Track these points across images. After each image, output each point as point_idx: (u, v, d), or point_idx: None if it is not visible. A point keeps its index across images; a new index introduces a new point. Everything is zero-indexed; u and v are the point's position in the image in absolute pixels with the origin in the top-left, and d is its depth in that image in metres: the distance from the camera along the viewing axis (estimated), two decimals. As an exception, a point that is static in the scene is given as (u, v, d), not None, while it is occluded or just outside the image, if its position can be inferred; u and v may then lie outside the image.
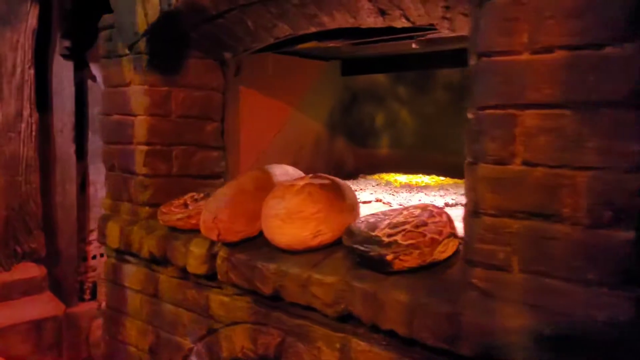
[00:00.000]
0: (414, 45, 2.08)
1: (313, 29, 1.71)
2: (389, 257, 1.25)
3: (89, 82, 3.70)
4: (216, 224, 1.57)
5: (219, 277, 1.66)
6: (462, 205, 1.86)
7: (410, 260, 1.25)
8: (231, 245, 1.62)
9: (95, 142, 3.79)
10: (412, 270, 1.27)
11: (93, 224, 3.81)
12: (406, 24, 1.48)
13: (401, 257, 1.24)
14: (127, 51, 2.02)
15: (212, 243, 1.69)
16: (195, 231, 1.79)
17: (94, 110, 3.76)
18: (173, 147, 2.02)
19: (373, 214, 1.50)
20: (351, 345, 1.37)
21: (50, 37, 3.38)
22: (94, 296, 3.80)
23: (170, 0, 1.80)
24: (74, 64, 3.53)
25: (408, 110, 2.67)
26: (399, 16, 1.45)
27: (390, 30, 1.62)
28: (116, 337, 2.15)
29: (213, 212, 1.58)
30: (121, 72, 2.04)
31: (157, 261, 1.90)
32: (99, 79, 3.72)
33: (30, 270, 3.13)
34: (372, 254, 1.27)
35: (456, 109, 2.48)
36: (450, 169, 2.46)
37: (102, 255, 3.86)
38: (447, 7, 1.30)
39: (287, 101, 2.40)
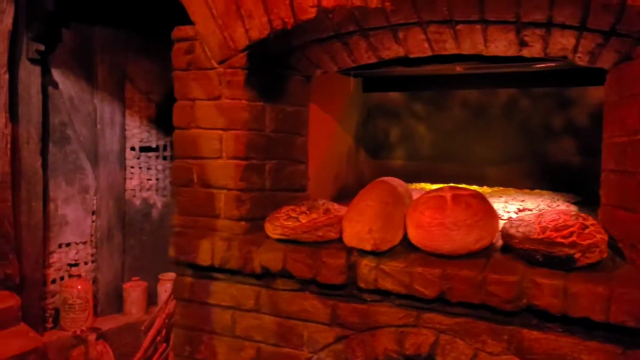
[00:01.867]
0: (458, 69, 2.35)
1: (429, 53, 1.89)
2: (577, 255, 1.49)
3: (50, 88, 3.44)
4: (372, 234, 1.67)
5: (361, 285, 1.75)
6: (529, 210, 2.16)
7: (592, 258, 1.50)
8: (379, 255, 1.72)
9: (55, 155, 3.53)
10: (589, 267, 1.52)
11: (53, 245, 3.53)
12: (538, 55, 1.74)
13: (587, 255, 1.49)
14: (216, 65, 2.00)
15: (349, 253, 1.77)
16: (320, 243, 1.85)
17: (55, 119, 3.50)
18: (266, 161, 2.04)
19: (509, 220, 1.73)
20: (522, 335, 1.57)
21: (17, 40, 3.09)
22: (55, 324, 3.51)
23: (285, 19, 1.85)
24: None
25: (424, 125, 2.93)
26: (539, 49, 1.69)
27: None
28: (193, 356, 2.09)
29: (367, 224, 1.68)
30: (207, 86, 2.01)
31: (264, 275, 1.92)
32: (61, 85, 3.48)
33: (6, 300, 2.82)
34: (559, 253, 1.50)
35: (470, 124, 2.81)
36: (465, 179, 2.76)
37: (62, 278, 3.60)
38: (601, 45, 1.58)
39: (334, 115, 2.51)
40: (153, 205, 3.99)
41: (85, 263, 3.65)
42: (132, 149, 3.90)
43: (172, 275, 3.91)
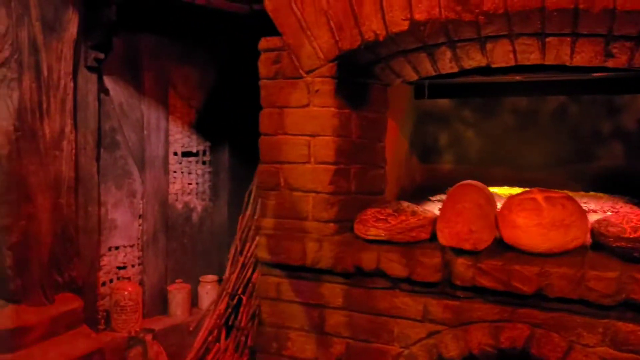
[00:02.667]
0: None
1: (512, 63, 2.00)
2: (676, 252, 1.61)
3: (102, 95, 3.51)
4: (472, 235, 1.78)
5: (457, 283, 1.85)
6: (594, 211, 2.28)
7: (687, 254, 1.62)
8: (475, 254, 1.83)
9: (105, 160, 3.60)
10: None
11: (104, 249, 3.59)
12: (622, 66, 1.86)
13: (684, 251, 1.61)
14: (304, 74, 2.09)
15: (443, 252, 1.88)
16: (412, 243, 1.95)
17: (106, 125, 3.57)
18: (351, 166, 2.14)
19: (597, 220, 1.85)
20: (618, 328, 1.69)
21: (76, 48, 3.15)
22: (107, 325, 3.57)
23: (376, 31, 1.95)
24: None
25: (473, 130, 3.05)
26: (624, 60, 1.81)
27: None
28: (281, 352, 2.17)
29: (467, 224, 1.79)
30: (295, 94, 2.11)
31: (354, 274, 2.01)
32: (112, 92, 3.55)
33: (70, 302, 2.88)
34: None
35: (519, 129, 2.94)
36: (515, 182, 2.88)
37: (110, 281, 3.66)
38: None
39: (397, 122, 2.61)
40: (193, 209, 4.06)
41: (133, 266, 3.71)
42: (175, 154, 3.97)
43: (212, 277, 3.98)
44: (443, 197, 2.70)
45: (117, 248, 3.65)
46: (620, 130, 2.77)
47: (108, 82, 3.53)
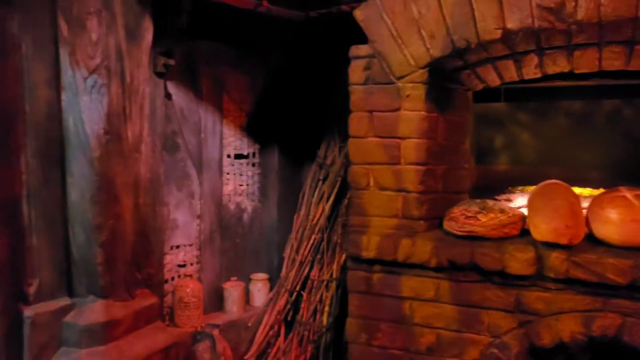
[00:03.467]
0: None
1: (596, 69, 2.13)
2: None
3: (165, 100, 3.63)
4: (568, 230, 1.91)
5: (550, 275, 1.98)
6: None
7: None
8: (568, 248, 1.96)
9: (167, 162, 3.72)
10: None
11: (167, 247, 3.71)
12: None
13: None
14: (395, 80, 2.22)
15: (535, 247, 2.01)
16: (504, 239, 2.08)
17: (168, 129, 3.70)
18: (438, 166, 2.26)
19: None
20: None
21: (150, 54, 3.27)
22: (170, 321, 3.69)
23: (469, 39, 2.08)
24: (160, 82, 3.45)
25: (527, 132, 3.19)
26: None
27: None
28: (370, 342, 2.30)
29: (563, 220, 1.92)
30: (385, 99, 2.23)
31: (445, 268, 2.14)
32: (174, 96, 3.67)
33: (148, 298, 3.00)
34: None
35: (573, 131, 3.07)
36: (568, 181, 3.01)
37: (172, 279, 3.78)
38: None
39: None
40: (244, 209, 4.19)
41: (191, 264, 3.83)
42: (228, 156, 4.10)
43: (262, 275, 4.11)
44: (507, 196, 2.83)
45: (177, 247, 3.77)
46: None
47: (171, 87, 3.66)
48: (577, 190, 2.73)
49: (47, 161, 2.60)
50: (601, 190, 2.47)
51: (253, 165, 4.26)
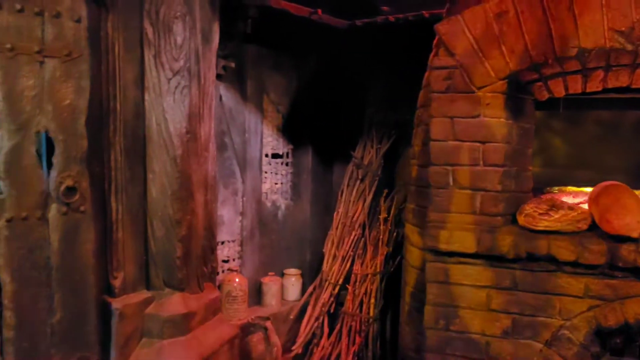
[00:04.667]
0: None
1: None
2: None
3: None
4: (638, 225, 2.19)
5: (619, 265, 2.25)
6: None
7: None
8: (635, 241, 2.24)
9: (217, 161, 3.86)
10: None
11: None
12: None
13: None
14: (475, 89, 2.46)
15: (606, 240, 2.28)
16: (576, 233, 2.35)
17: (218, 128, 3.85)
18: (512, 168, 2.52)
19: None
20: None
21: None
22: (217, 314, 3.81)
23: (546, 54, 2.35)
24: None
25: (558, 138, 3.49)
26: None
27: None
28: (448, 328, 2.53)
29: (635, 216, 2.20)
30: (466, 106, 2.47)
31: (521, 259, 2.39)
32: (224, 98, 3.83)
33: (213, 291, 3.15)
34: None
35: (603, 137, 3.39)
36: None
37: (217, 273, 3.93)
38: None
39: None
40: (279, 207, 4.36)
41: (234, 259, 3.98)
42: (266, 155, 4.26)
43: (295, 271, 4.29)
44: (549, 196, 3.12)
45: (222, 243, 3.92)
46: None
47: (222, 88, 3.81)
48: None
49: (133, 158, 2.72)
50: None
51: (287, 164, 4.44)
